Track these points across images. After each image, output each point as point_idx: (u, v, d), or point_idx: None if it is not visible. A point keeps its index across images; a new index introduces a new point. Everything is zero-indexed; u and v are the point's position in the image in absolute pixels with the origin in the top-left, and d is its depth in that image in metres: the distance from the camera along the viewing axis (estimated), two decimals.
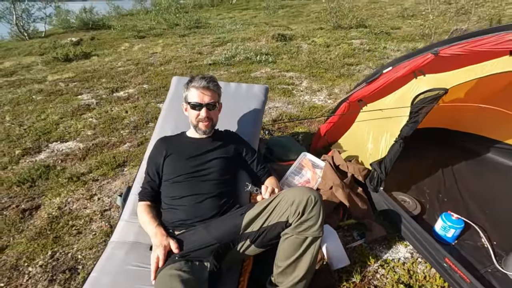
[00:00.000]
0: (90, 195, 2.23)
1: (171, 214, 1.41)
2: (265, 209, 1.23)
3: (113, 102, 4.35)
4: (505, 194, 2.05)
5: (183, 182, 1.44)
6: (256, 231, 1.23)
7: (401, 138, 1.78)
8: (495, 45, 1.41)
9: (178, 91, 2.01)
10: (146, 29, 11.59)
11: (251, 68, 5.70)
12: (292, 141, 2.43)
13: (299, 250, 1.16)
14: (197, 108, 1.47)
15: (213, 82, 1.50)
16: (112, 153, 2.87)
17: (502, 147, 2.34)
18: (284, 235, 1.20)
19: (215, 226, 1.29)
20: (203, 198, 1.40)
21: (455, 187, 2.11)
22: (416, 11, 11.98)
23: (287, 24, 12.43)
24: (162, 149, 1.54)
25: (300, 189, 1.19)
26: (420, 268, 1.57)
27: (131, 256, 1.43)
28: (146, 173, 1.55)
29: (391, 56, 5.84)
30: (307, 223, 1.14)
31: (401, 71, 1.78)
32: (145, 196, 1.49)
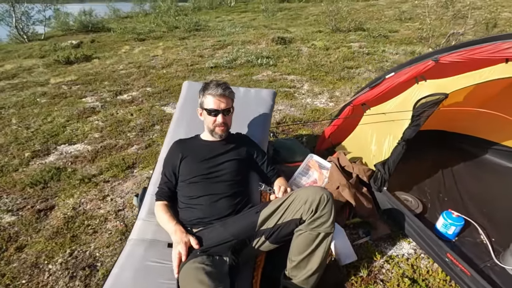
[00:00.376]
0: (103, 196, 2.30)
1: (188, 213, 1.48)
2: (279, 207, 1.31)
3: (118, 105, 4.41)
4: (502, 194, 2.15)
5: (199, 183, 1.52)
6: (271, 228, 1.32)
7: (404, 140, 1.87)
8: (492, 53, 1.51)
9: (190, 95, 2.10)
10: (146, 31, 11.65)
11: (252, 71, 5.79)
12: (297, 143, 2.52)
13: (312, 245, 1.25)
14: (213, 114, 1.55)
15: (228, 89, 1.58)
16: (121, 155, 2.94)
17: (498, 149, 2.45)
18: (297, 232, 1.28)
19: (232, 223, 1.37)
20: (218, 197, 1.48)
21: (454, 187, 2.21)
22: (414, 14, 12.16)
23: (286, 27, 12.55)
24: (178, 152, 1.62)
25: (313, 188, 1.27)
26: (423, 263, 1.65)
27: (150, 253, 1.51)
28: (163, 174, 1.62)
29: (390, 59, 5.96)
30: (320, 219, 1.22)
31: (403, 76, 1.87)
32: (162, 196, 1.57)
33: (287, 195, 1.34)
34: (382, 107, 2.07)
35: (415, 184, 2.21)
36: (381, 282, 1.54)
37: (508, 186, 2.21)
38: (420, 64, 1.79)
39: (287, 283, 1.33)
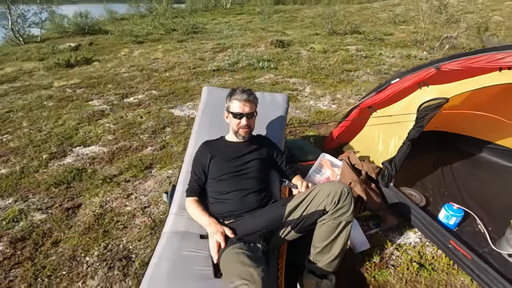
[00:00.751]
0: (127, 195, 2.44)
1: (220, 206, 1.64)
2: (304, 200, 1.48)
3: (126, 108, 4.53)
4: (497, 188, 2.36)
5: (228, 180, 1.68)
6: (296, 219, 1.49)
7: (409, 140, 2.06)
8: (487, 63, 1.71)
9: (210, 100, 2.26)
10: (143, 34, 11.72)
11: (254, 74, 5.96)
12: (308, 144, 2.70)
13: (334, 233, 1.42)
14: (238, 117, 1.72)
15: (252, 95, 1.75)
16: (137, 156, 3.08)
17: (493, 148, 2.67)
18: (321, 221, 1.45)
19: (261, 215, 1.53)
20: (246, 193, 1.64)
21: (453, 183, 2.41)
22: (407, 17, 12.49)
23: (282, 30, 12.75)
24: (207, 152, 1.78)
25: (334, 183, 1.45)
26: (428, 250, 1.84)
27: (184, 243, 1.66)
28: (193, 172, 1.78)
29: (387, 62, 6.19)
30: (341, 210, 1.39)
31: (407, 82, 2.06)
32: (193, 192, 1.72)
33: (310, 189, 1.51)
34: (388, 109, 2.26)
35: (418, 180, 2.40)
36: (392, 267, 1.72)
37: (502, 182, 2.42)
38: (423, 71, 1.98)
39: (312, 267, 1.50)
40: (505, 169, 2.57)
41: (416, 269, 1.67)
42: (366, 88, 4.86)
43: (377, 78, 5.53)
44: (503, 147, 2.61)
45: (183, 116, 4.09)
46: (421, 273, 1.67)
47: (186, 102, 4.67)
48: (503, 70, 1.69)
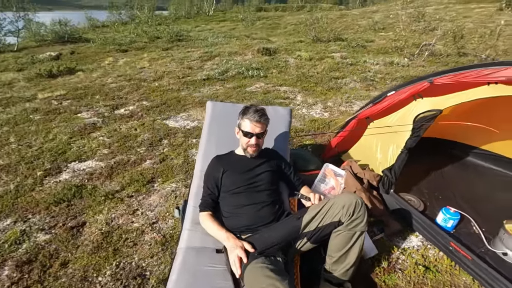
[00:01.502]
0: (133, 211, 2.43)
1: (235, 221, 1.69)
2: (319, 212, 1.55)
3: (118, 120, 4.48)
4: (487, 191, 2.54)
5: (242, 193, 1.73)
6: (312, 230, 1.56)
7: (406, 149, 2.19)
8: (476, 78, 1.86)
9: (215, 115, 2.30)
10: (127, 42, 11.57)
11: (245, 82, 6.04)
12: (308, 153, 2.79)
13: (349, 243, 1.50)
14: (248, 136, 1.78)
15: (264, 116, 1.80)
16: (137, 170, 3.06)
17: (480, 153, 2.88)
18: (336, 232, 1.53)
19: (278, 229, 1.59)
20: (261, 206, 1.70)
21: (446, 187, 2.57)
22: (386, 24, 13.03)
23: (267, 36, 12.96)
24: (219, 166, 1.82)
25: (348, 195, 1.54)
26: (430, 253, 1.96)
27: (201, 259, 1.69)
28: (206, 187, 1.81)
29: (372, 70, 6.45)
30: (356, 220, 1.48)
31: (403, 94, 2.20)
32: (207, 206, 1.76)
33: (323, 202, 1.59)
34: (385, 120, 2.39)
35: (414, 185, 2.54)
36: (399, 271, 1.83)
37: (490, 184, 2.61)
38: (417, 84, 2.12)
39: (329, 276, 1.58)
40: (492, 173, 2.76)
41: (422, 271, 1.78)
42: (355, 96, 5.05)
43: (363, 85, 5.75)
44: (490, 152, 2.82)
45: (179, 128, 4.09)
46: (427, 275, 1.78)
47: (179, 113, 4.67)
48: (491, 84, 1.84)
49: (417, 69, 6.32)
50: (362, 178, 2.31)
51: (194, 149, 3.45)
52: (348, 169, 2.32)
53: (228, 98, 5.24)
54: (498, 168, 2.78)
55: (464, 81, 1.90)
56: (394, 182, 2.24)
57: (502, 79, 1.75)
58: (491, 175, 2.74)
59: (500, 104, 2.28)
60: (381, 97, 2.35)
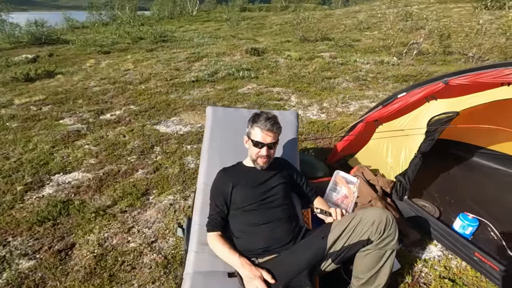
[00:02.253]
0: (128, 228, 2.21)
1: (249, 242, 1.51)
2: (345, 230, 1.41)
3: (104, 126, 4.21)
4: (496, 192, 2.48)
5: (255, 210, 1.56)
6: (337, 251, 1.41)
7: (420, 153, 2.09)
8: (495, 78, 1.77)
9: (216, 122, 2.12)
10: (109, 43, 11.20)
11: (236, 84, 5.87)
12: (314, 159, 2.65)
13: (380, 262, 1.36)
14: (258, 146, 1.61)
15: (277, 125, 1.62)
16: (129, 181, 2.83)
17: (486, 153, 2.83)
18: (364, 251, 1.38)
19: (301, 252, 1.43)
20: (278, 224, 1.54)
21: (456, 190, 2.49)
22: (371, 24, 13.16)
23: (253, 37, 12.80)
24: (227, 180, 1.64)
25: (377, 210, 1.39)
26: (453, 263, 1.86)
27: (211, 284, 1.51)
28: (213, 204, 1.63)
29: (363, 69, 6.41)
30: (387, 239, 1.34)
31: (415, 96, 2.09)
32: (216, 226, 1.58)
33: (348, 218, 1.44)
34: (395, 123, 2.29)
35: (424, 189, 2.45)
36: (424, 285, 1.71)
37: (499, 185, 2.55)
38: (431, 85, 2.02)
39: None
40: (499, 173, 2.72)
41: (450, 286, 1.67)
42: (351, 96, 4.97)
43: (356, 85, 5.70)
44: (497, 152, 2.77)
45: (171, 133, 3.87)
46: None
47: (170, 117, 4.44)
48: (511, 85, 1.76)
49: (407, 68, 6.33)
50: (375, 185, 2.19)
51: (189, 156, 3.25)
52: (360, 176, 2.20)
53: (220, 100, 5.05)
54: (504, 168, 2.73)
55: (482, 81, 1.81)
56: (408, 188, 2.14)
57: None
58: (498, 175, 2.69)
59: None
60: (391, 99, 2.24)
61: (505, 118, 2.11)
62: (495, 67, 1.78)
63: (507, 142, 2.69)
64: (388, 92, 5.19)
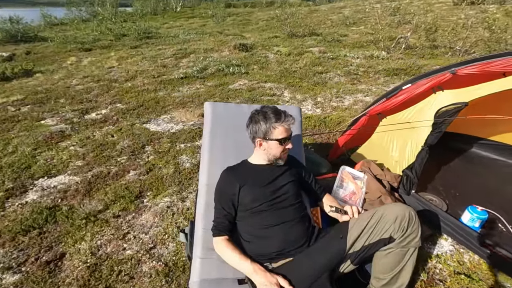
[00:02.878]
0: (123, 234, 2.05)
1: (261, 246, 1.41)
2: (365, 229, 1.32)
3: (90, 126, 3.99)
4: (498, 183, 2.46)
5: (268, 211, 1.45)
6: (357, 251, 1.32)
7: (427, 145, 2.03)
8: (504, 67, 1.73)
9: (216, 119, 1.98)
10: (90, 40, 10.78)
11: (226, 80, 5.72)
12: (317, 155, 2.57)
13: (402, 261, 1.29)
14: (284, 142, 1.52)
15: (292, 117, 1.56)
16: (120, 184, 2.66)
17: (486, 143, 2.82)
18: (386, 250, 1.30)
19: (319, 253, 1.34)
20: (291, 224, 1.44)
21: (459, 182, 2.47)
22: (356, 19, 13.22)
23: (240, 33, 12.62)
24: (233, 180, 1.53)
25: (398, 206, 1.31)
26: (466, 258, 1.82)
27: None
28: (220, 206, 1.51)
29: (354, 63, 6.39)
30: (410, 236, 1.26)
31: (421, 87, 2.03)
32: (223, 230, 1.46)
33: (367, 215, 1.35)
34: (400, 115, 2.22)
35: (428, 183, 2.41)
36: (440, 283, 1.66)
37: (500, 176, 2.54)
38: (438, 76, 1.97)
39: None
40: (498, 163, 2.71)
41: (466, 282, 1.62)
42: (344, 90, 4.92)
43: (348, 79, 5.66)
44: (496, 142, 2.77)
45: (162, 132, 3.70)
46: (470, 285, 1.63)
47: (160, 115, 4.26)
48: None
49: (397, 62, 6.35)
50: (382, 180, 2.13)
51: (184, 155, 3.10)
52: (367, 171, 2.13)
53: (211, 97, 4.90)
54: (504, 158, 2.73)
55: (492, 70, 1.76)
56: (416, 182, 2.08)
57: None
58: (499, 166, 2.69)
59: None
60: (396, 91, 2.18)
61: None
62: (504, 56, 1.74)
63: (507, 133, 2.69)
64: (380, 86, 5.18)
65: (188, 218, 2.14)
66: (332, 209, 1.47)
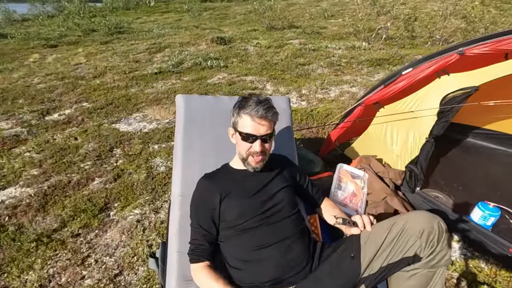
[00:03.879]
0: (82, 259, 1.69)
1: (254, 273, 1.10)
2: (382, 245, 1.05)
3: (51, 128, 3.53)
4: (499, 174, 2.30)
5: (258, 227, 1.15)
6: (374, 273, 1.05)
7: (433, 137, 1.81)
8: None
9: (191, 113, 1.66)
10: (56, 36, 10.07)
11: (204, 74, 5.36)
12: (308, 152, 2.29)
13: (430, 284, 1.03)
14: (249, 140, 1.19)
15: (272, 109, 1.20)
16: (82, 194, 2.28)
17: (481, 133, 2.66)
18: (410, 271, 1.04)
19: (328, 280, 1.06)
20: (289, 242, 1.15)
21: (461, 175, 2.28)
22: (334, 11, 13.14)
23: (217, 27, 12.20)
24: (213, 190, 1.21)
25: (424, 215, 1.05)
26: (483, 263, 1.61)
27: None
28: (197, 224, 1.19)
29: (336, 54, 6.19)
30: (441, 253, 1.00)
31: (424, 71, 1.80)
32: (203, 255, 1.15)
33: (386, 228, 1.07)
34: (399, 104, 1.99)
35: (429, 177, 2.20)
36: None
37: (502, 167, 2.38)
38: (443, 57, 1.74)
39: None
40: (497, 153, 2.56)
41: None
42: (329, 82, 4.70)
43: (331, 70, 5.45)
44: (493, 132, 2.61)
45: (134, 132, 3.31)
46: None
47: (131, 114, 3.85)
48: None
49: (379, 52, 6.22)
50: (384, 178, 1.89)
51: (158, 157, 2.74)
52: (368, 168, 1.88)
53: (189, 92, 4.53)
54: (503, 148, 2.58)
55: (506, 49, 1.55)
56: (422, 178, 1.85)
57: None
58: (499, 156, 2.53)
59: None
60: (394, 76, 1.94)
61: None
62: None
63: (505, 120, 2.53)
64: (365, 76, 5.00)
65: (162, 234, 1.81)
66: (338, 221, 1.18)
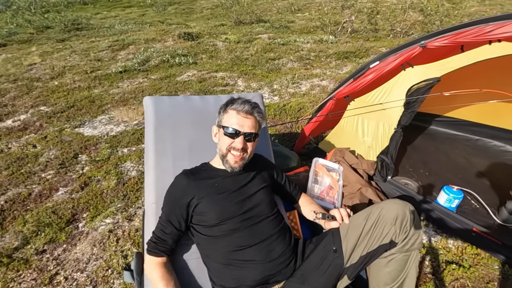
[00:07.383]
0: (49, 277, 1.57)
1: (238, 276, 1.08)
2: (361, 235, 1.08)
3: (4, 137, 3.24)
4: (461, 158, 2.46)
5: (238, 229, 1.13)
6: (355, 263, 1.08)
7: (400, 127, 1.88)
8: (476, 36, 1.61)
9: (161, 115, 1.58)
10: (4, 34, 9.25)
11: (173, 72, 5.19)
12: (283, 147, 2.29)
13: (406, 267, 1.08)
14: (233, 135, 1.17)
15: (258, 109, 1.22)
16: (46, 207, 2.12)
17: (444, 120, 2.83)
18: (387, 257, 1.08)
19: (313, 276, 1.07)
20: (270, 241, 1.14)
21: (426, 161, 2.41)
22: (301, 5, 13.28)
23: (184, 22, 11.88)
24: (189, 189, 1.17)
25: (396, 203, 1.08)
26: (450, 243, 1.72)
27: None
28: (167, 220, 1.14)
29: (305, 48, 6.27)
30: (413, 237, 1.05)
31: (390, 64, 1.86)
32: (165, 250, 1.12)
33: (362, 218, 1.10)
34: (368, 97, 2.04)
35: (397, 165, 2.30)
36: (432, 276, 1.51)
37: (462, 151, 2.55)
38: (407, 50, 1.81)
39: None
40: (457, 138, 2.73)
41: (460, 272, 1.50)
42: (300, 76, 4.75)
43: (301, 64, 5.52)
44: (453, 119, 2.78)
45: (100, 136, 3.13)
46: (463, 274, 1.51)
47: (96, 116, 3.64)
48: (493, 43, 1.62)
49: (346, 45, 6.39)
50: (358, 169, 1.94)
51: (128, 161, 2.62)
52: (342, 161, 1.92)
53: (157, 91, 4.37)
54: (462, 133, 2.76)
55: (463, 41, 1.64)
56: (393, 167, 1.93)
57: (506, 35, 1.53)
58: (459, 141, 2.70)
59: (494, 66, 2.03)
60: (363, 70, 1.99)
61: (490, 80, 1.98)
62: (475, 25, 1.61)
63: (464, 108, 2.70)
64: (334, 69, 5.11)
65: (138, 243, 1.73)
66: (317, 216, 1.19)
